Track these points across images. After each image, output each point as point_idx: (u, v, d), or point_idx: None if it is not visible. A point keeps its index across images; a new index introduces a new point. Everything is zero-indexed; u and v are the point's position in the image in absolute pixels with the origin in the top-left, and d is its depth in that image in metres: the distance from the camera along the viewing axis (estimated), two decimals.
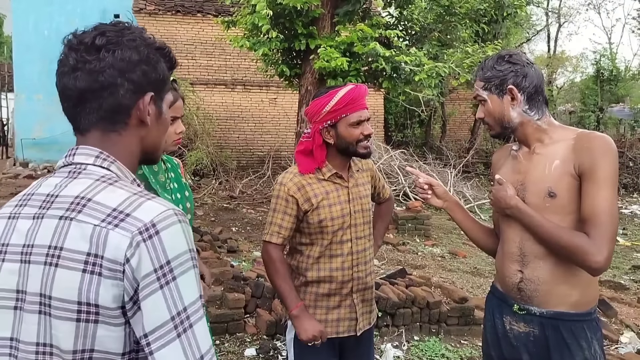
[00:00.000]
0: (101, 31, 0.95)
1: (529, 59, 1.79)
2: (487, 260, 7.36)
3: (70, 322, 0.87)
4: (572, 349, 1.67)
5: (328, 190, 2.10)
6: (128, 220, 0.88)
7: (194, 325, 0.89)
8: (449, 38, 8.38)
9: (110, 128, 0.98)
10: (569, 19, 32.26)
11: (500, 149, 2.03)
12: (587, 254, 1.56)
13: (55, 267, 0.88)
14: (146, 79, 0.98)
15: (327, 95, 2.05)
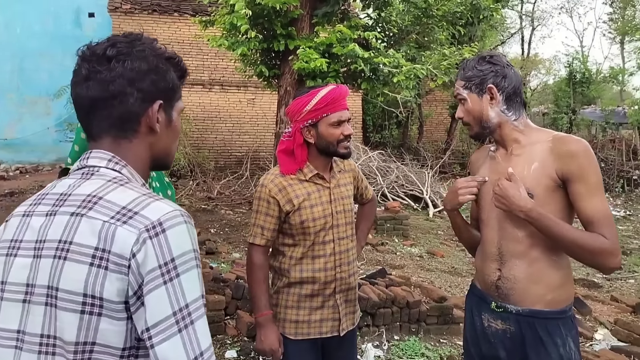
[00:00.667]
0: (112, 42, 1.01)
1: (509, 61, 1.83)
2: (464, 260, 7.45)
3: (75, 314, 0.90)
4: (547, 346, 1.71)
5: (310, 191, 2.11)
6: (136, 217, 0.92)
7: (195, 322, 0.92)
8: (427, 40, 8.47)
9: (121, 135, 1.03)
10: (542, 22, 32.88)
11: (478, 150, 2.06)
12: (610, 255, 1.61)
13: (64, 260, 0.91)
14: (155, 87, 1.04)
15: (308, 95, 2.06)
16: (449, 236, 9.09)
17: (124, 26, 13.48)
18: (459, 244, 8.52)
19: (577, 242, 1.62)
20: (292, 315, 2.13)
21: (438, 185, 12.19)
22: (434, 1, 7.69)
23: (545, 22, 44.19)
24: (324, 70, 6.83)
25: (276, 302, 2.16)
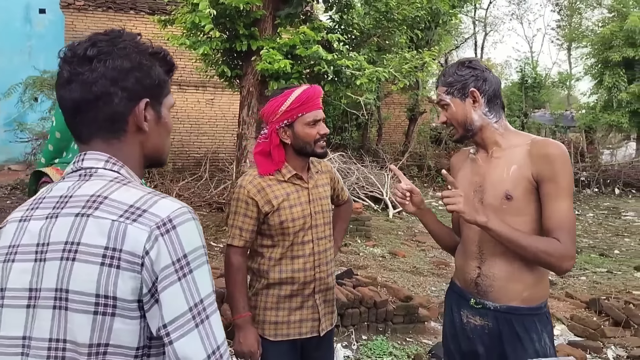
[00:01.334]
0: (93, 42, 0.98)
1: (486, 66, 1.88)
2: (425, 260, 7.60)
3: (87, 315, 0.88)
4: (523, 341, 1.77)
5: (288, 191, 2.11)
6: (145, 215, 0.91)
7: (210, 316, 0.92)
8: (387, 44, 8.58)
9: (111, 136, 1.01)
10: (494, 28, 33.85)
11: (458, 153, 2.11)
12: (563, 258, 1.67)
13: (73, 262, 0.89)
14: (140, 85, 1.01)
15: (283, 95, 2.06)
16: (409, 236, 9.25)
17: (77, 23, 13.07)
18: (420, 244, 8.68)
19: (532, 249, 1.68)
20: (272, 317, 2.12)
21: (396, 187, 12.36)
22: (395, 5, 7.80)
23: (497, 27, 45.55)
24: (287, 72, 6.82)
25: (255, 304, 2.14)
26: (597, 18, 22.49)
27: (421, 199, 2.00)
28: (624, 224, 11.97)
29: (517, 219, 1.75)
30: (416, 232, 9.75)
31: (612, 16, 17.45)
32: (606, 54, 16.27)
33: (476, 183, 1.87)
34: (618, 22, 16.08)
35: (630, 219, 12.51)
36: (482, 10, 29.28)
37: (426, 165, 15.86)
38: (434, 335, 4.51)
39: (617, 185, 16.19)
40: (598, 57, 17.08)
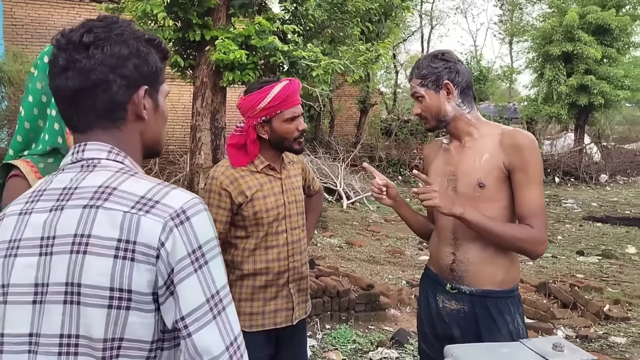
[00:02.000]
0: (88, 28, 0.95)
1: (458, 57, 1.93)
2: (381, 249, 7.73)
3: (102, 309, 0.86)
4: (498, 323, 1.84)
5: (262, 182, 2.10)
6: (158, 207, 0.89)
7: (226, 307, 0.92)
8: (342, 35, 8.61)
9: (110, 125, 0.99)
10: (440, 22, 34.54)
11: (430, 143, 2.16)
12: (537, 243, 1.76)
13: (84, 255, 0.87)
14: (138, 72, 0.98)
15: (262, 92, 2.04)
16: (364, 227, 9.38)
17: (16, 10, 12.41)
18: (374, 233, 8.82)
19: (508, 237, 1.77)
20: (247, 308, 2.12)
21: (350, 178, 12.50)
22: None
23: (443, 21, 46.53)
24: (243, 62, 6.73)
25: None
26: (537, 13, 23.36)
27: (396, 192, 2.06)
28: (564, 210, 12.55)
29: (489, 206, 1.82)
30: (370, 222, 9.90)
31: (552, 11, 18.17)
32: (547, 48, 16.94)
33: (449, 172, 1.93)
34: (558, 18, 16.77)
35: (569, 206, 13.12)
36: (428, 4, 29.86)
37: (377, 157, 16.07)
38: (394, 322, 4.62)
39: (557, 174, 16.94)
40: (539, 51, 17.76)
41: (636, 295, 5.83)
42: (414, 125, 17.94)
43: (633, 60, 17.40)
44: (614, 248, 8.41)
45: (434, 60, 1.89)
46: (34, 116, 1.72)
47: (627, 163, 17.54)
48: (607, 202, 13.57)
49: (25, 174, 1.62)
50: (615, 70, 15.87)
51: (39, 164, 1.67)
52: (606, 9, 16.09)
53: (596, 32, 16.21)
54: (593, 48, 15.68)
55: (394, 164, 16.22)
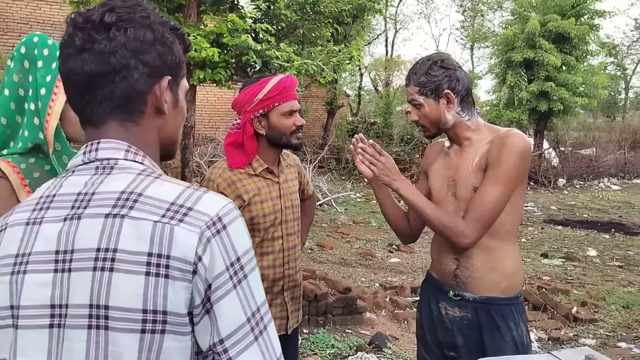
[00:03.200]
0: (110, 7, 0.84)
1: (458, 63, 1.88)
2: (352, 251, 7.70)
3: (134, 335, 0.76)
4: (502, 330, 1.82)
5: (260, 186, 2.03)
6: (192, 214, 0.79)
7: (267, 326, 0.83)
8: (313, 36, 8.56)
9: (127, 118, 0.87)
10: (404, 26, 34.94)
11: (432, 145, 2.12)
12: (460, 235, 1.74)
13: (110, 272, 0.76)
14: (162, 61, 0.87)
15: (259, 84, 1.99)
16: (333, 229, 9.34)
17: None
18: (344, 235, 8.78)
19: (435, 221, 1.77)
20: None
21: (318, 180, 12.45)
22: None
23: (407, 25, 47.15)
24: (214, 60, 6.60)
25: None
26: (498, 20, 23.92)
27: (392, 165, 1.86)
28: (525, 213, 12.83)
29: None
30: (339, 224, 9.87)
31: (514, 18, 18.61)
32: (509, 55, 17.31)
33: (449, 177, 1.90)
34: (520, 25, 17.18)
35: (530, 209, 13.43)
36: (392, 7, 30.15)
37: (344, 158, 16.09)
38: (370, 326, 4.58)
39: None
40: (501, 57, 18.14)
41: (601, 297, 5.98)
42: (380, 128, 18.06)
43: (589, 69, 17.97)
44: (576, 250, 8.64)
45: (433, 68, 1.82)
46: (11, 111, 1.58)
47: (584, 168, 18.09)
48: (565, 206, 13.97)
49: (7, 174, 1.49)
50: (574, 78, 16.37)
51: (20, 165, 1.54)
52: (566, 17, 16.58)
53: (556, 40, 16.68)
54: (553, 55, 16.12)
55: None
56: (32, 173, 1.55)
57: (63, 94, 1.54)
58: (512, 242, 1.85)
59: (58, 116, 1.54)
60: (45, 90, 1.53)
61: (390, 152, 16.76)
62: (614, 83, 29.64)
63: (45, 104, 1.53)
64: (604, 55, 21.09)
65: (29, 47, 1.56)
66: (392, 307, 5.00)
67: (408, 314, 4.78)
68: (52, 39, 1.61)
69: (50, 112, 1.53)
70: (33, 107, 1.55)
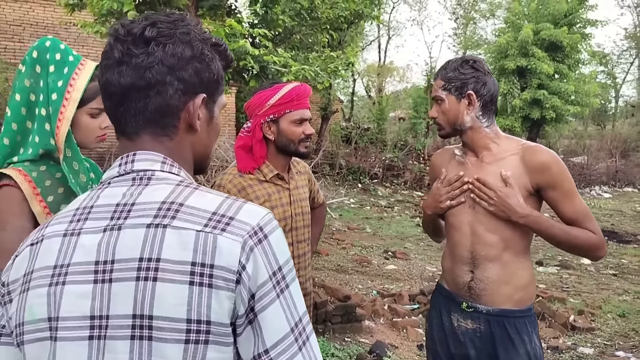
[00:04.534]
0: (152, 21, 0.85)
1: (489, 69, 1.86)
2: (347, 258, 7.67)
3: (178, 345, 0.75)
4: (515, 343, 1.79)
5: (270, 192, 2.01)
6: (234, 224, 0.79)
7: (309, 336, 0.82)
8: (310, 42, 8.56)
9: (161, 132, 0.88)
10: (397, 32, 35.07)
11: (440, 152, 2.09)
12: (600, 248, 1.75)
13: (154, 282, 0.75)
14: (198, 78, 0.87)
15: (272, 89, 1.99)
16: (328, 235, 9.31)
17: None
18: (340, 242, 8.76)
19: (573, 241, 1.75)
20: None
21: None
22: (320, 3, 7.79)
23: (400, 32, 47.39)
24: None
25: None
26: (491, 28, 24.06)
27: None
28: None
29: (509, 224, 1.77)
30: (334, 230, 9.85)
31: (507, 26, 18.76)
32: (502, 62, 17.46)
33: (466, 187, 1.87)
34: (513, 33, 17.34)
35: None
36: (386, 14, 30.28)
37: (337, 164, 16.09)
38: (369, 334, 4.55)
39: None
40: (494, 64, 18.28)
41: (597, 305, 5.99)
42: (374, 134, 18.08)
43: (580, 77, 18.15)
44: (570, 259, 8.67)
45: (463, 66, 1.81)
46: (21, 116, 1.55)
47: (575, 176, 18.21)
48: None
49: (19, 183, 1.45)
50: (566, 86, 16.53)
51: (32, 173, 1.50)
52: (558, 26, 16.75)
53: (549, 49, 16.85)
54: (546, 64, 16.28)
55: (354, 171, 16.27)
56: (43, 181, 1.52)
57: (75, 100, 1.51)
58: (526, 254, 1.83)
59: (69, 122, 1.51)
60: (57, 96, 1.50)
61: (384, 158, 16.80)
62: (604, 92, 29.93)
63: (57, 110, 1.50)
64: (595, 64, 21.28)
65: (41, 51, 1.52)
66: (390, 315, 4.97)
67: (407, 322, 4.75)
68: (64, 44, 1.58)
69: (62, 117, 1.50)
70: (44, 112, 1.51)
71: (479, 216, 1.81)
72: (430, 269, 7.22)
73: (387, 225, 10.79)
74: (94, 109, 1.58)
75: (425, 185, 16.36)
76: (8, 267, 0.87)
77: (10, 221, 1.43)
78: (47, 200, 1.51)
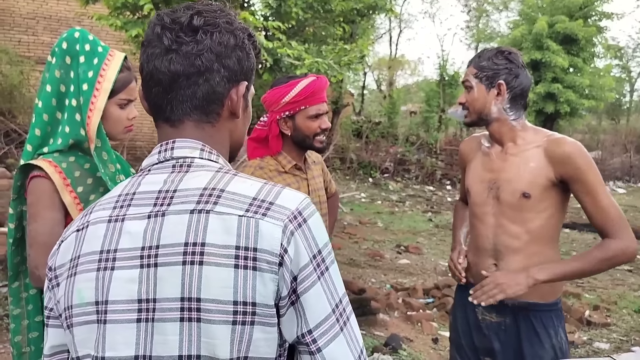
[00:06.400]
0: (197, 11, 0.87)
1: (524, 63, 1.85)
2: (360, 251, 7.68)
3: (226, 326, 0.77)
4: (541, 337, 1.79)
5: (290, 182, 2.04)
6: (274, 208, 0.81)
7: (349, 317, 0.84)
8: (324, 35, 8.52)
9: (204, 119, 0.90)
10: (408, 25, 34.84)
11: (468, 140, 2.08)
12: (624, 251, 1.69)
13: (200, 265, 0.77)
14: (240, 66, 0.90)
15: (287, 85, 1.99)
16: (340, 229, 9.31)
17: None
18: (351, 235, 8.76)
19: (596, 269, 1.74)
20: None
21: None
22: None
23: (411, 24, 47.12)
24: None
25: None
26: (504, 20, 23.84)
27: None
28: None
29: (534, 216, 1.76)
30: (345, 224, 9.85)
31: (521, 19, 18.56)
32: None
33: (490, 180, 1.86)
34: (527, 26, 17.14)
35: None
36: (397, 6, 30.08)
37: (348, 158, 16.07)
38: (384, 327, 4.55)
39: None
40: None
41: (612, 301, 5.95)
42: (385, 127, 18.01)
43: (595, 71, 17.93)
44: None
45: (497, 56, 1.81)
46: (52, 107, 1.57)
47: None
48: (572, 209, 13.92)
49: (50, 174, 1.47)
50: (581, 80, 16.33)
51: (61, 164, 1.53)
52: (573, 19, 16.54)
53: (564, 42, 16.64)
54: (560, 57, 16.07)
55: (365, 166, 16.25)
56: (73, 172, 1.54)
57: (105, 90, 1.52)
58: (554, 247, 1.81)
59: (101, 113, 1.52)
60: (88, 86, 1.51)
61: (395, 152, 16.74)
62: (619, 86, 29.57)
63: (87, 100, 1.51)
64: (610, 57, 21.03)
65: (70, 42, 1.53)
66: (405, 309, 4.97)
67: (422, 316, 4.75)
68: (92, 35, 1.59)
69: (93, 108, 1.51)
70: (75, 103, 1.53)
71: (502, 207, 1.80)
72: (443, 264, 7.20)
73: (399, 219, 10.77)
74: (122, 99, 1.59)
75: (437, 179, 16.30)
76: (54, 252, 0.89)
77: (42, 213, 1.45)
78: (77, 191, 1.53)
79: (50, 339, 0.91)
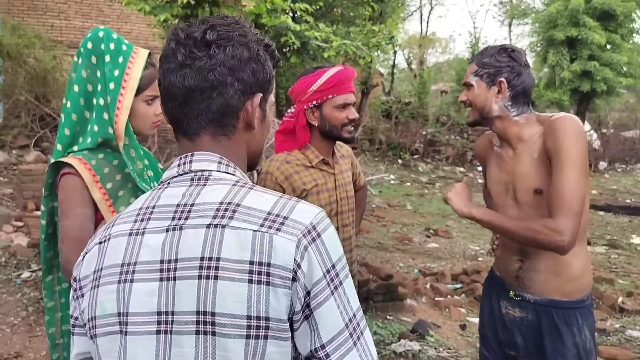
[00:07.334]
0: (211, 25, 0.89)
1: (527, 61, 1.81)
2: (388, 235, 7.66)
3: (240, 340, 0.79)
4: (563, 334, 1.76)
5: (316, 177, 2.03)
6: (288, 223, 0.82)
7: (363, 332, 0.85)
8: (352, 16, 8.43)
9: (220, 132, 0.92)
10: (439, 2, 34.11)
11: (481, 139, 2.06)
12: (552, 234, 1.57)
13: (215, 280, 0.79)
14: (255, 78, 0.91)
15: (315, 75, 1.98)
16: (368, 212, 9.30)
17: None
18: (380, 219, 8.74)
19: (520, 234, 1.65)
20: None
21: None
22: None
23: (443, 1, 46.11)
24: None
25: None
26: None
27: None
28: None
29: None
30: (374, 206, 9.83)
31: None
32: (550, 33, 16.73)
33: (506, 181, 1.83)
34: (563, 2, 16.56)
35: None
36: None
37: (377, 140, 15.95)
38: (412, 313, 4.56)
39: None
40: (543, 35, 17.56)
41: None
42: (415, 108, 17.78)
43: (634, 47, 17.26)
44: (619, 238, 8.40)
45: (500, 53, 1.77)
46: (80, 107, 1.61)
47: (626, 151, 17.55)
48: (606, 190, 13.60)
49: (80, 171, 1.51)
50: (619, 57, 15.75)
51: (91, 161, 1.57)
52: None
53: (601, 18, 16.03)
54: (597, 34, 15.51)
55: (394, 147, 16.12)
56: (102, 169, 1.57)
57: (132, 88, 1.55)
58: (581, 241, 1.76)
59: (128, 111, 1.55)
60: (114, 85, 1.54)
61: (425, 133, 16.55)
62: None
63: (115, 99, 1.54)
64: None
65: (95, 42, 1.55)
66: (432, 294, 4.96)
67: (450, 302, 4.73)
68: (116, 33, 1.60)
69: (120, 106, 1.54)
70: (102, 102, 1.56)
71: (522, 207, 1.77)
72: (473, 247, 7.14)
73: (429, 202, 10.69)
74: (149, 96, 1.62)
75: (467, 161, 16.07)
76: (79, 264, 0.93)
77: (72, 209, 1.50)
78: (106, 187, 1.56)
79: (76, 347, 0.94)
